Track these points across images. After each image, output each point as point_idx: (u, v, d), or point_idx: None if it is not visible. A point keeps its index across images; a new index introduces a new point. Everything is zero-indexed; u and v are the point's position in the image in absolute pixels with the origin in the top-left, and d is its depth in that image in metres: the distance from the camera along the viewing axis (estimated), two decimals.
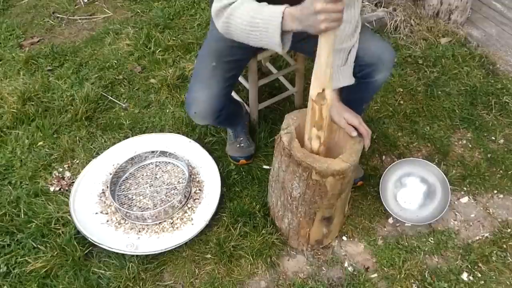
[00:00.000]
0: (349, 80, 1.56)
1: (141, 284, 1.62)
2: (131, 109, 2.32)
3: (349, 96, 1.61)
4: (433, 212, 1.83)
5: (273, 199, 1.73)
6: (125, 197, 1.87)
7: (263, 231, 1.74)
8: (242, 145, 2.01)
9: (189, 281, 1.64)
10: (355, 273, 1.68)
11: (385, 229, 1.82)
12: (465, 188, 1.97)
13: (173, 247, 1.68)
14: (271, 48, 1.29)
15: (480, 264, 1.70)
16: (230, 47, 1.63)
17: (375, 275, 1.67)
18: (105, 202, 1.86)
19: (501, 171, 2.03)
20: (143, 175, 1.96)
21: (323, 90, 1.32)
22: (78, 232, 1.72)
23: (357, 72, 1.58)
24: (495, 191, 1.96)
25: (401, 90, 2.41)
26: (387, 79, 1.62)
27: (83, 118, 2.22)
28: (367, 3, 2.95)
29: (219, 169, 1.94)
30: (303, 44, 1.67)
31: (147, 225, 1.77)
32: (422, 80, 2.47)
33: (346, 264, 1.71)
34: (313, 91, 1.33)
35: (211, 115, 1.63)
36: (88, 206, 1.83)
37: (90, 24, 2.98)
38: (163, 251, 1.67)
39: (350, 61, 1.53)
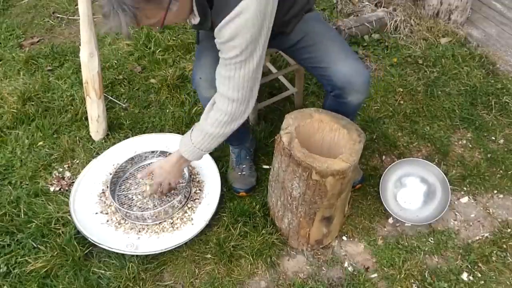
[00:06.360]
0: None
1: (141, 284, 1.62)
2: (131, 109, 2.32)
3: (333, 108, 1.61)
4: (433, 212, 1.83)
5: (273, 199, 1.73)
6: (125, 197, 1.87)
7: (263, 231, 1.74)
8: (244, 173, 1.91)
9: (189, 281, 1.64)
10: (355, 273, 1.67)
11: (385, 229, 1.82)
12: (465, 188, 1.97)
13: (173, 247, 1.68)
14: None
15: (480, 264, 1.70)
16: None
17: (375, 275, 1.67)
18: (105, 202, 1.86)
19: (501, 171, 2.03)
20: None
21: None
22: (78, 232, 1.72)
23: (330, 91, 1.58)
24: (495, 191, 1.96)
25: (401, 90, 2.41)
26: (363, 100, 1.59)
27: (83, 118, 2.22)
28: (367, 3, 2.95)
29: (219, 169, 1.94)
30: (295, 51, 1.65)
31: (147, 225, 1.77)
32: (422, 80, 2.47)
33: (346, 264, 1.71)
34: None
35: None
36: (88, 206, 1.83)
37: None
38: (163, 251, 1.67)
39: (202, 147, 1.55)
